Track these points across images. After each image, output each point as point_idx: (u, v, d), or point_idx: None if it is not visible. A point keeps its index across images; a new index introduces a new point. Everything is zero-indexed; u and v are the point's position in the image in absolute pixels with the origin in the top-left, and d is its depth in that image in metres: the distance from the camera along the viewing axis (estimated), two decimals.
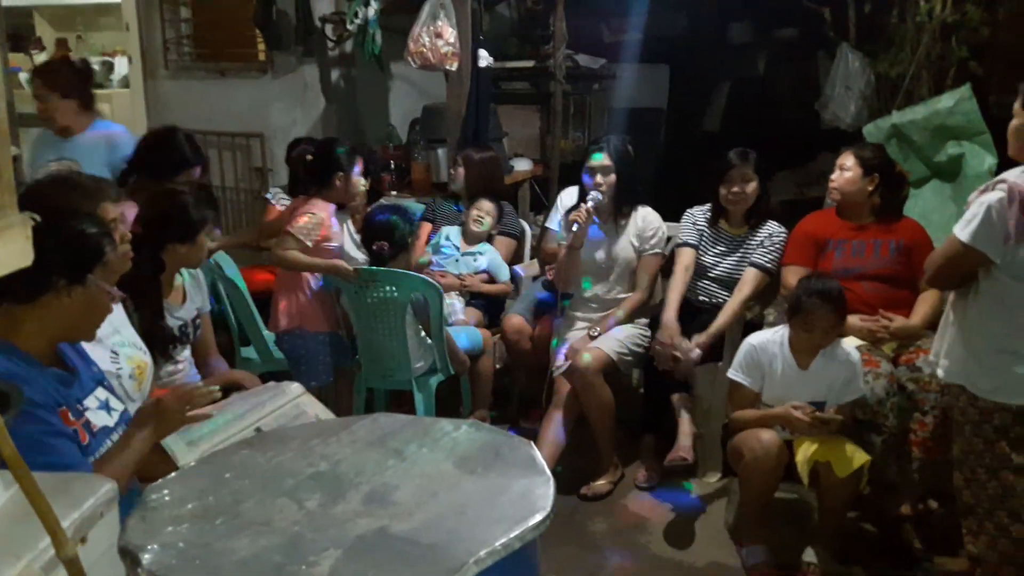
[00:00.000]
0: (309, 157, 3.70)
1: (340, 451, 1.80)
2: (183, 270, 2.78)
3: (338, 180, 3.54)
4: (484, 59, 4.68)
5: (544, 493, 1.59)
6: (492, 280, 3.98)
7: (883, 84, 4.42)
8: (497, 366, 3.99)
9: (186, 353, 2.79)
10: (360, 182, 3.67)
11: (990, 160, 3.73)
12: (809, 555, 2.84)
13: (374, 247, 3.61)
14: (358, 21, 4.83)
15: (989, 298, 2.28)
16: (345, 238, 4.04)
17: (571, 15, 5.04)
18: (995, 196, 2.21)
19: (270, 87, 5.39)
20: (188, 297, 2.79)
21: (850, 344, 2.94)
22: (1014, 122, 2.33)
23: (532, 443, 1.78)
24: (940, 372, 2.42)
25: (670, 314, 3.35)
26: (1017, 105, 2.32)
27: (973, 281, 2.31)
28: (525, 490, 1.60)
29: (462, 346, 3.63)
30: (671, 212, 3.72)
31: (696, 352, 3.23)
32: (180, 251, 2.66)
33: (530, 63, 5.39)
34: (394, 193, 4.86)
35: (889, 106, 4.25)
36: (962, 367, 2.36)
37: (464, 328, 3.73)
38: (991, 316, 2.29)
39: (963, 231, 2.25)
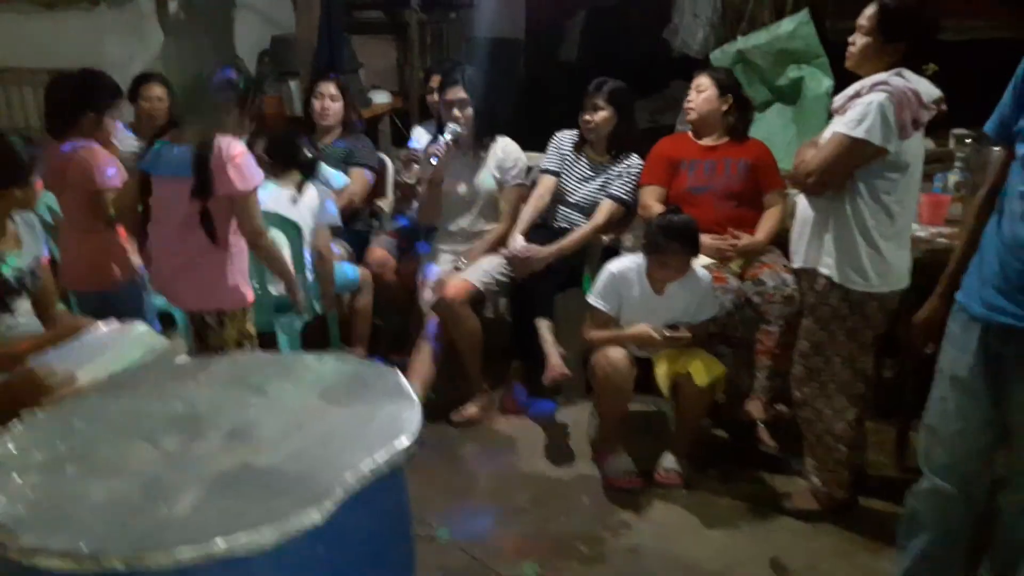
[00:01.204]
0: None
1: (197, 391, 1.75)
2: (15, 215, 2.59)
3: (87, 121, 2.91)
4: None
5: (411, 417, 1.61)
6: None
7: (729, 11, 4.58)
8: None
9: (26, 305, 2.62)
10: (111, 122, 3.02)
11: (827, 82, 3.94)
12: (667, 461, 3.01)
13: (307, 152, 3.46)
14: None
15: (867, 194, 2.45)
16: None
17: None
18: (881, 96, 2.36)
19: (103, 19, 5.01)
20: (23, 244, 2.61)
21: (700, 264, 3.07)
22: (860, 40, 2.47)
23: (398, 370, 1.79)
24: (825, 271, 2.56)
25: (516, 232, 3.47)
26: (866, 23, 2.45)
27: (848, 183, 2.47)
28: (392, 416, 1.62)
29: (343, 282, 3.56)
30: (531, 143, 3.74)
31: (522, 248, 3.37)
32: (14, 195, 2.48)
33: None
34: None
35: (734, 32, 4.40)
36: (842, 264, 2.52)
37: (344, 263, 3.64)
38: (871, 209, 2.46)
39: (856, 129, 2.38)
